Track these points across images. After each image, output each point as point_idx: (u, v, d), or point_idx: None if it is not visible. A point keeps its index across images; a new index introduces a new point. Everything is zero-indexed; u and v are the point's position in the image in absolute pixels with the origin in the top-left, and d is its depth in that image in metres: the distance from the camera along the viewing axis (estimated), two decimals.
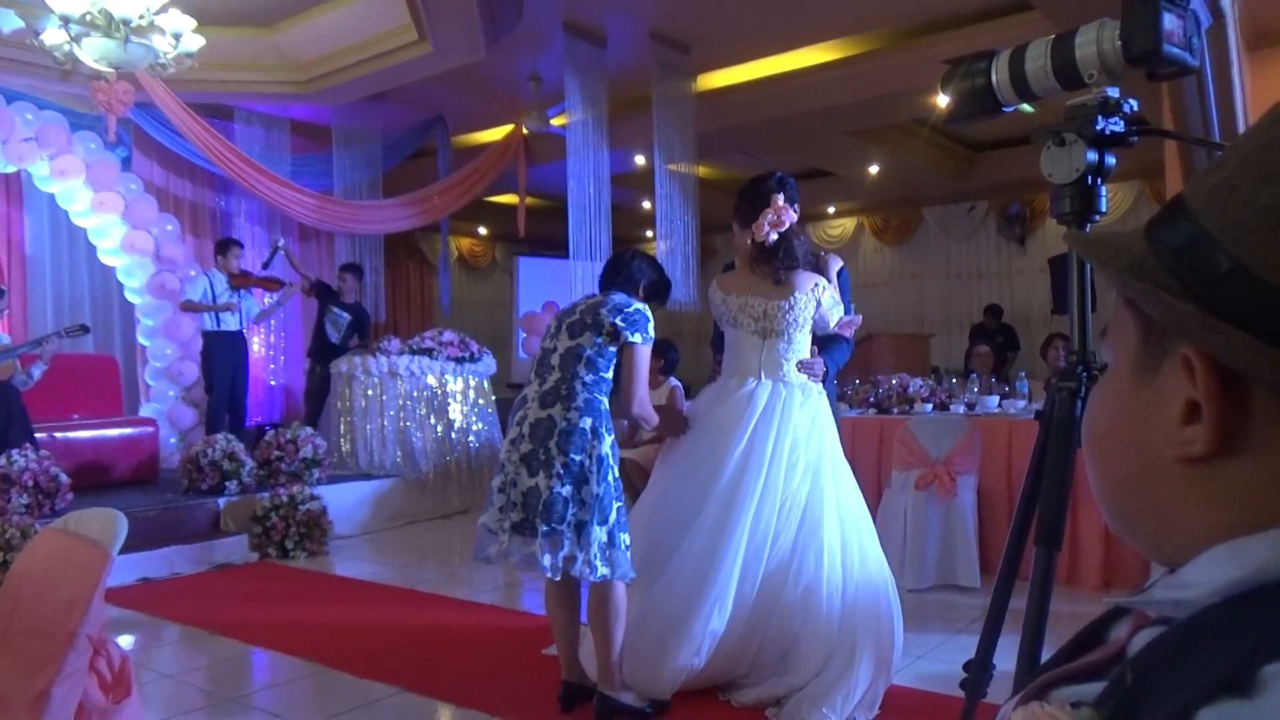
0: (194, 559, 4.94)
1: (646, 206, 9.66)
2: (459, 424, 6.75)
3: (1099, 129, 1.43)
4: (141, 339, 7.37)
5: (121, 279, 7.33)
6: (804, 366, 2.87)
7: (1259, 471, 0.45)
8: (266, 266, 7.34)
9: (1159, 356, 0.48)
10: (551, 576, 2.54)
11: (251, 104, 7.77)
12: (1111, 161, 1.46)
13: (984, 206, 10.54)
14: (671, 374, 5.45)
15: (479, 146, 8.92)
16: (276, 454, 5.69)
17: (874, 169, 9.39)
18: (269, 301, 7.47)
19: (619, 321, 2.63)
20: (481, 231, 12.39)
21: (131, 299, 7.35)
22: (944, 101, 1.62)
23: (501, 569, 4.52)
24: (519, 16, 6.26)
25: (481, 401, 6.97)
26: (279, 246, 7.31)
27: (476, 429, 6.85)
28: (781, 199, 2.82)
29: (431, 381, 6.65)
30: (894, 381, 5.07)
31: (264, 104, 7.77)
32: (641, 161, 8.37)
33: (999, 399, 4.86)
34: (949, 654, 3.23)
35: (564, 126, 7.46)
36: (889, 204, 11.01)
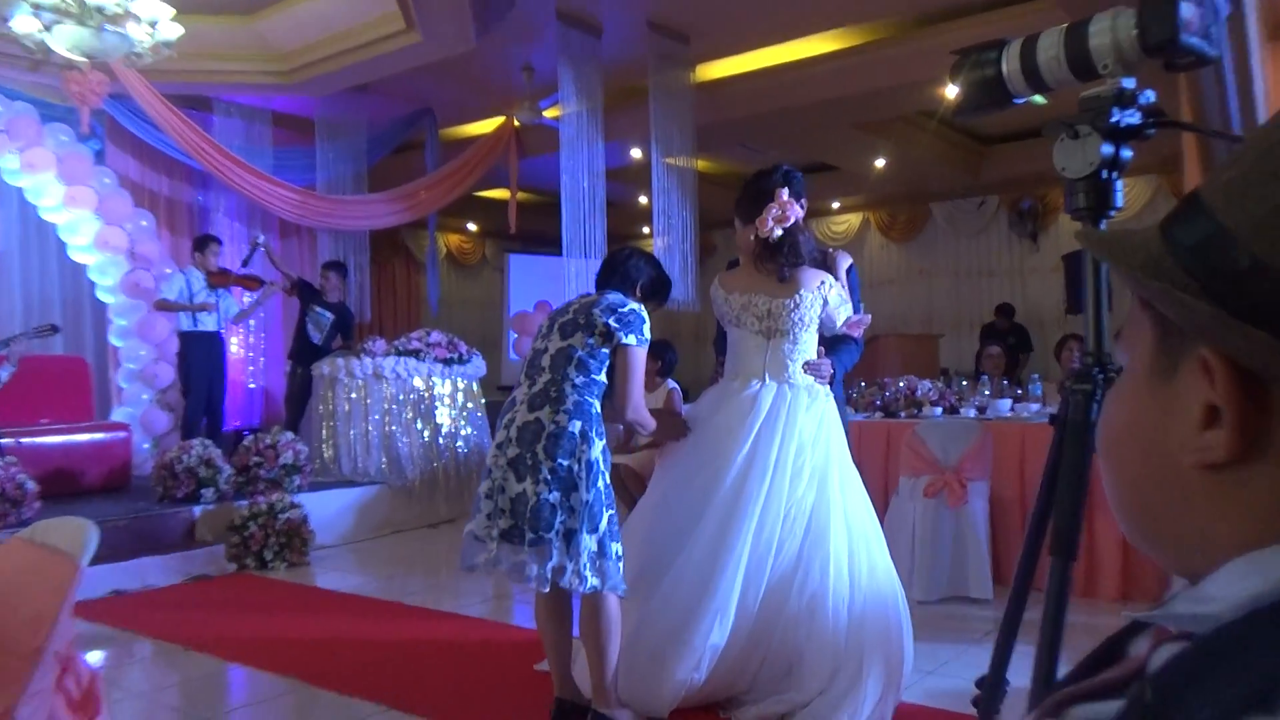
0: (168, 570, 4.92)
1: (643, 202, 9.67)
2: (447, 429, 6.75)
3: (1114, 121, 1.43)
4: (114, 340, 7.36)
5: (94, 277, 7.31)
6: (810, 368, 2.87)
7: None
8: (246, 264, 7.34)
9: (1176, 358, 0.48)
10: (540, 588, 2.53)
11: (231, 95, 7.77)
12: (1127, 155, 1.47)
13: (995, 202, 10.56)
14: (669, 376, 5.45)
15: (468, 139, 8.92)
16: (255, 460, 5.68)
17: (880, 163, 9.41)
18: (248, 301, 7.45)
19: (612, 322, 2.63)
20: (471, 228, 12.40)
21: (104, 298, 7.33)
22: (952, 93, 1.63)
23: (490, 580, 4.52)
24: (511, 4, 6.27)
25: (470, 405, 6.96)
26: (259, 243, 7.30)
27: (465, 434, 6.85)
28: (786, 193, 2.82)
29: (418, 384, 6.64)
30: (901, 384, 5.07)
31: (244, 95, 7.76)
32: (638, 155, 8.37)
33: (1011, 402, 4.87)
34: (960, 669, 3.23)
35: (557, 119, 7.46)
36: (896, 199, 11.02)
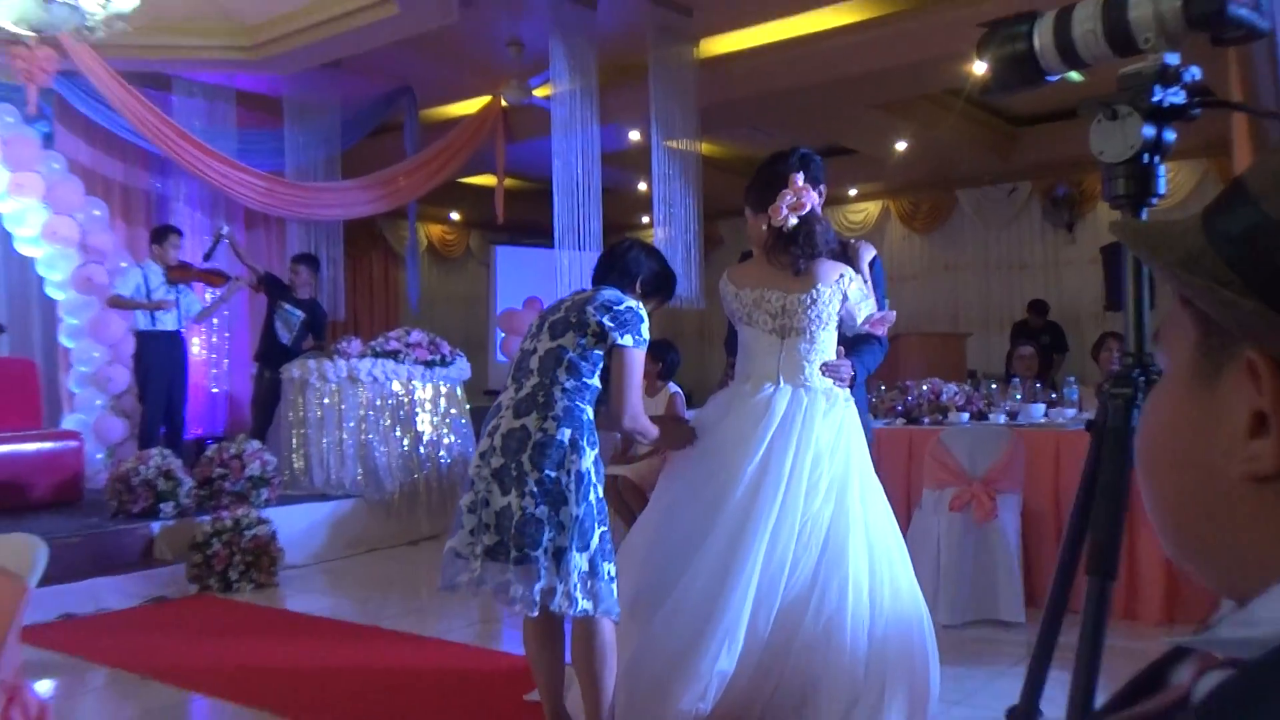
0: (124, 592, 4.91)
1: (642, 189, 9.66)
2: (428, 437, 6.74)
3: (1156, 100, 1.43)
4: (65, 340, 7.35)
5: (42, 271, 7.30)
6: (829, 369, 2.86)
7: None
8: (208, 258, 7.33)
9: (1220, 360, 0.48)
10: (527, 612, 2.53)
11: (192, 73, 7.76)
12: (1171, 137, 1.47)
13: (1027, 188, 10.56)
14: (671, 379, 5.46)
15: (451, 121, 8.92)
16: (219, 472, 5.67)
17: (901, 146, 9.41)
18: (211, 298, 7.45)
19: (607, 321, 2.63)
20: (454, 217, 12.39)
21: (53, 294, 7.32)
22: (980, 70, 1.63)
23: (476, 602, 4.51)
24: None
25: (454, 411, 6.96)
26: (222, 235, 7.29)
27: (448, 442, 6.84)
28: (802, 178, 2.82)
29: (397, 388, 6.64)
30: (925, 387, 5.07)
31: (206, 72, 7.76)
32: (636, 138, 8.37)
33: (1045, 407, 4.87)
34: (990, 699, 3.23)
35: (548, 98, 7.45)
36: (918, 186, 11.02)
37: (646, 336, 2.70)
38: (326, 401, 6.52)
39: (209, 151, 7.49)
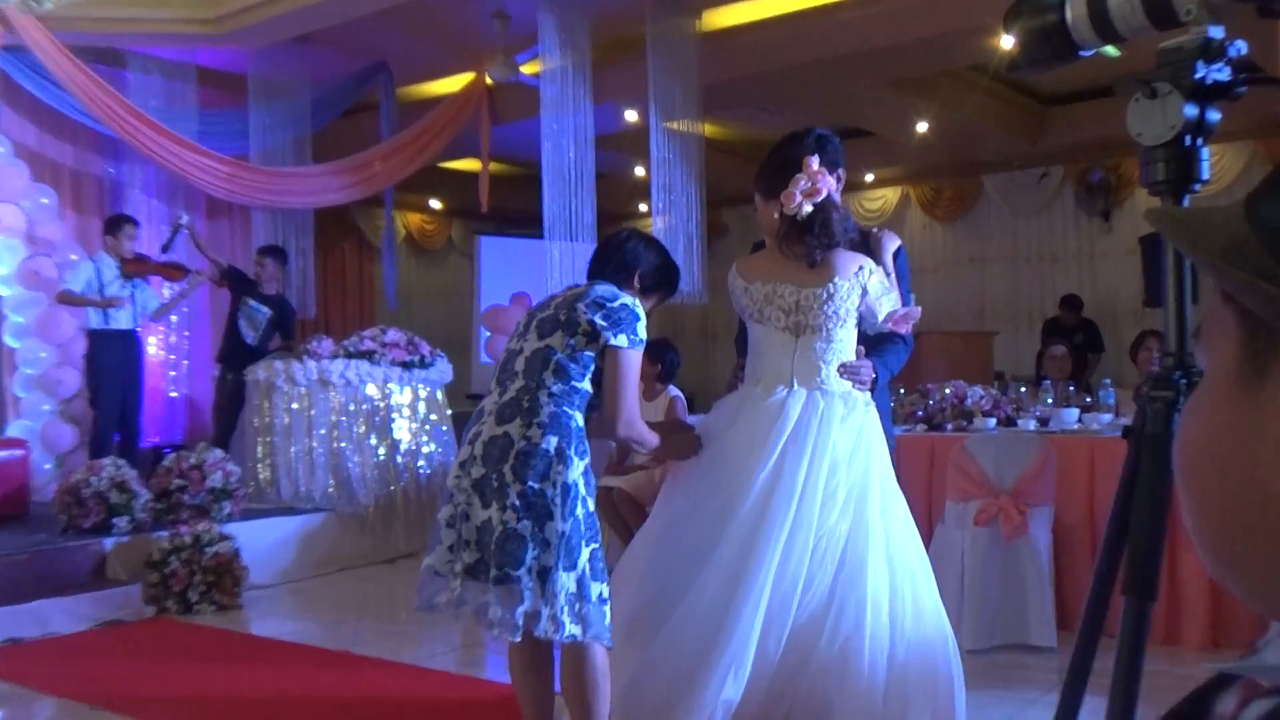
0: (73, 614, 4.90)
1: (640, 174, 9.67)
2: (406, 445, 6.74)
3: (1199, 77, 1.43)
4: (9, 339, 7.34)
5: None
6: (847, 371, 2.86)
7: None
8: (167, 250, 7.33)
9: (1266, 362, 0.48)
10: (509, 636, 2.53)
11: (149, 47, 7.76)
12: (1214, 117, 1.47)
13: (1058, 173, 10.58)
14: (671, 382, 5.46)
15: (431, 100, 8.92)
16: (178, 483, 5.67)
17: (922, 127, 9.42)
18: (170, 293, 7.44)
19: (598, 319, 2.63)
20: (435, 205, 12.40)
21: None
22: (1008, 44, 1.63)
23: (458, 625, 4.51)
24: None
25: (434, 417, 6.96)
26: (182, 225, 7.29)
27: (428, 451, 6.84)
28: (817, 162, 2.81)
29: (372, 392, 6.64)
30: (948, 390, 5.08)
31: (164, 48, 7.75)
32: (633, 118, 8.37)
33: (1079, 412, 4.87)
34: None
35: (537, 75, 7.45)
36: (941, 171, 11.04)
37: (643, 336, 2.70)
38: (295, 407, 6.52)
39: (167, 134, 7.48)
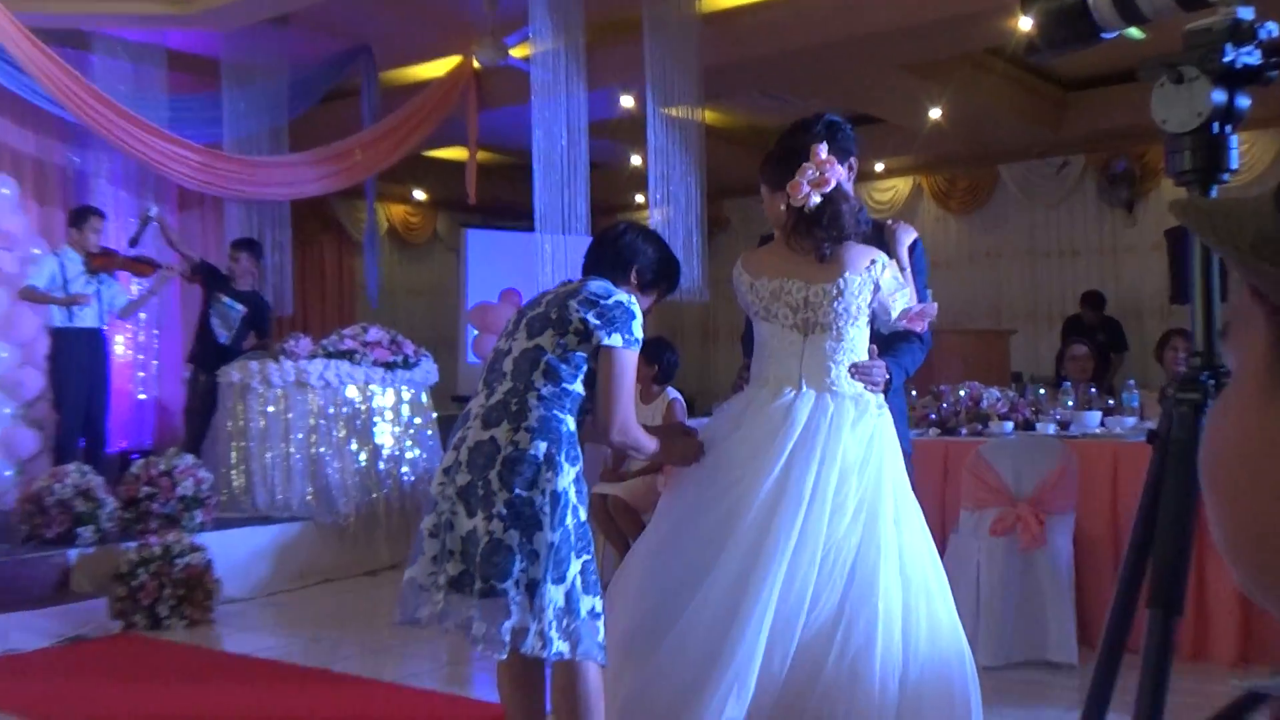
0: (36, 630, 4.89)
1: (636, 163, 9.66)
2: (389, 451, 6.73)
3: (1227, 61, 1.43)
4: None
5: None
6: (859, 372, 2.85)
7: None
8: (135, 243, 7.32)
9: None
10: (494, 654, 2.53)
11: (116, 29, 7.74)
12: (1244, 103, 1.47)
13: (1079, 163, 10.59)
14: (669, 383, 5.46)
15: (416, 85, 8.92)
16: (146, 491, 5.66)
17: (935, 114, 9.42)
18: (138, 290, 7.43)
19: (591, 317, 2.63)
20: (419, 197, 12.39)
21: None
22: (1026, 25, 1.63)
23: (444, 641, 4.51)
24: None
25: (419, 421, 6.95)
26: (151, 217, 7.28)
27: (412, 457, 6.83)
28: (824, 150, 2.81)
29: (353, 394, 6.63)
30: (962, 393, 5.08)
31: (132, 29, 7.74)
32: (629, 104, 8.37)
33: (1101, 415, 4.87)
34: None
35: (527, 59, 7.45)
36: (955, 160, 11.04)
37: (639, 335, 2.70)
38: (271, 410, 6.51)
39: (135, 120, 7.47)
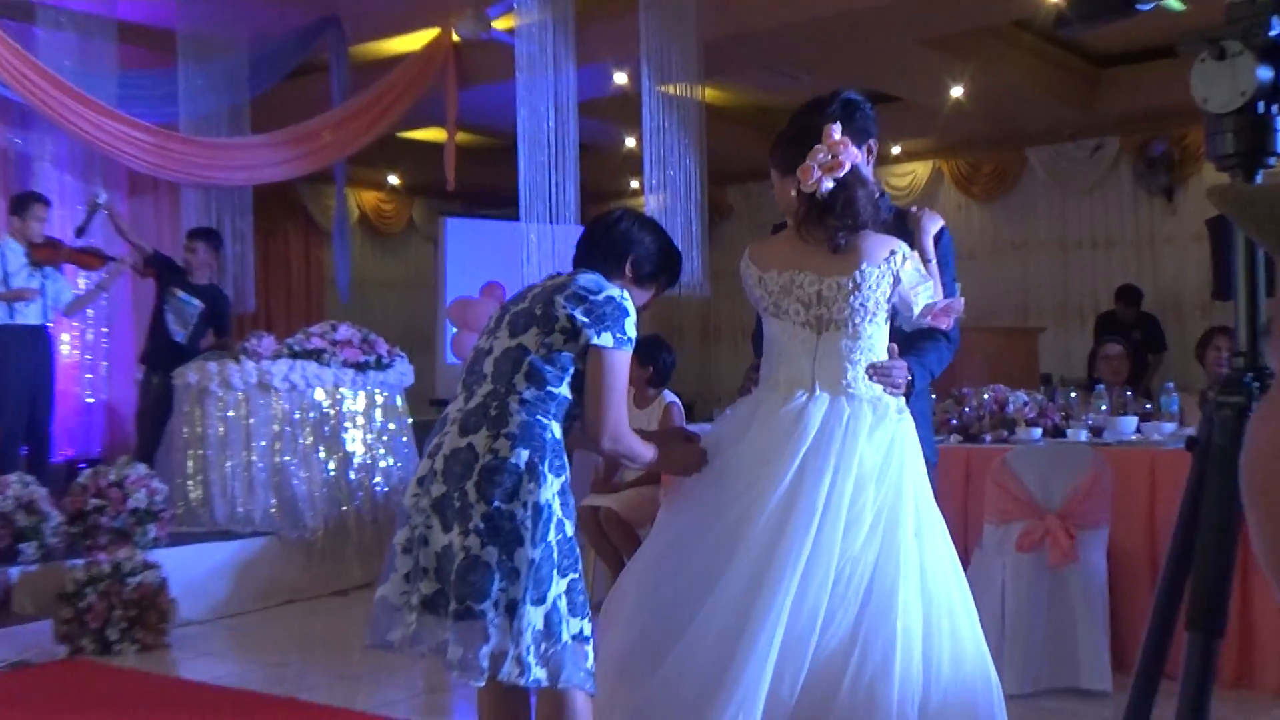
0: None
1: (630, 145, 9.66)
2: (360, 459, 6.73)
3: (1274, 35, 1.43)
4: None
5: None
6: (878, 373, 2.85)
7: None
8: (82, 233, 7.30)
9: None
10: (471, 680, 2.52)
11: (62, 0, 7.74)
12: None
13: (1114, 146, 10.59)
14: (664, 386, 5.46)
15: (389, 60, 8.90)
16: (95, 503, 5.63)
17: (957, 92, 9.43)
18: (86, 284, 7.42)
19: (579, 314, 2.63)
20: (393, 182, 12.38)
21: None
22: None
23: (421, 666, 4.51)
24: None
25: (393, 427, 6.94)
26: (99, 205, 7.26)
27: (385, 466, 6.83)
28: (838, 130, 2.81)
29: (321, 398, 6.62)
30: (986, 396, 5.08)
31: None
32: (623, 81, 8.37)
33: (1137, 420, 4.88)
34: None
35: (511, 31, 7.45)
36: (978, 142, 11.05)
37: (632, 334, 2.70)
38: (231, 415, 6.50)
39: (82, 98, 7.45)
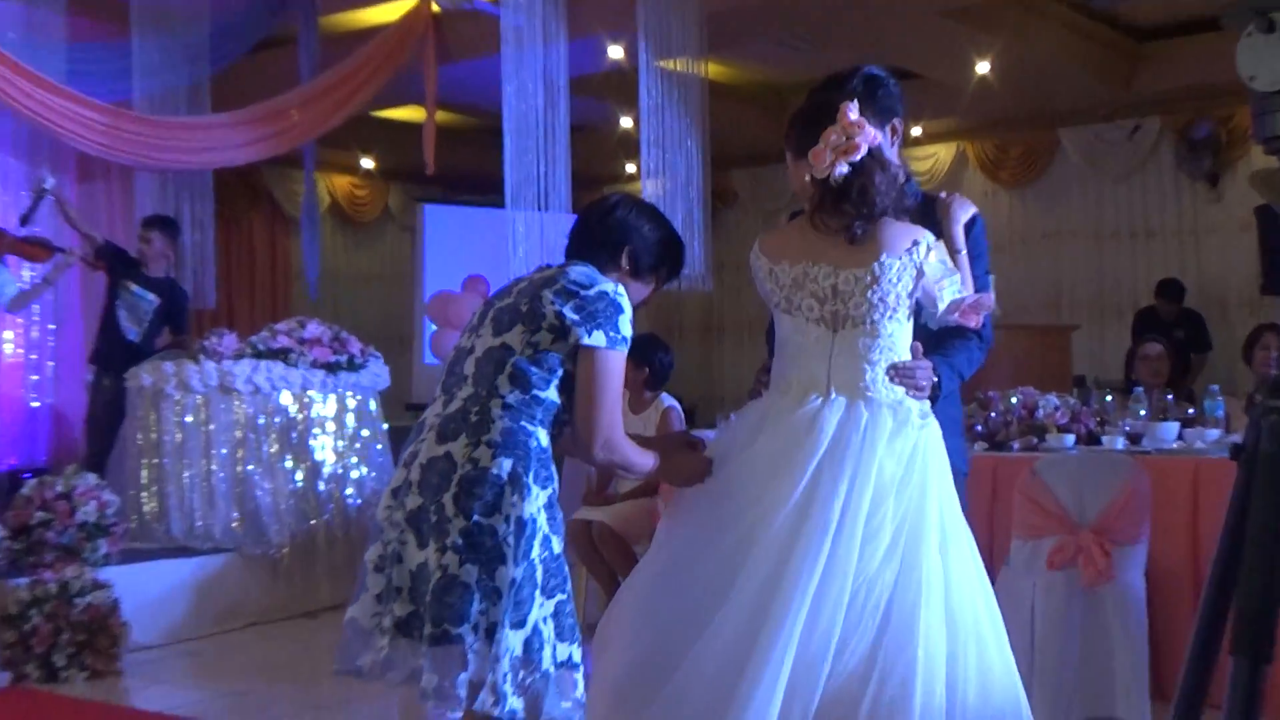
0: None
1: (627, 126, 9.67)
2: (330, 468, 6.73)
3: None
4: None
5: None
6: (899, 374, 2.85)
7: None
8: (27, 222, 7.30)
9: None
10: (448, 710, 2.52)
11: None
12: None
13: (1154, 127, 10.60)
14: (662, 388, 5.46)
15: (363, 32, 8.91)
16: (40, 517, 5.63)
17: (983, 68, 9.44)
18: (31, 278, 7.41)
19: (568, 311, 2.62)
20: (367, 166, 12.39)
21: None
22: None
23: (395, 694, 4.51)
24: None
25: (366, 433, 6.94)
26: (46, 190, 7.26)
27: (357, 476, 6.83)
28: (854, 110, 2.80)
29: (287, 402, 6.62)
30: (1014, 400, 5.09)
31: None
32: (618, 56, 8.37)
33: (1179, 426, 4.88)
34: None
35: (496, 3, 7.45)
36: (1006, 123, 11.06)
37: (626, 333, 2.69)
38: (189, 420, 6.49)
39: (27, 74, 7.43)
